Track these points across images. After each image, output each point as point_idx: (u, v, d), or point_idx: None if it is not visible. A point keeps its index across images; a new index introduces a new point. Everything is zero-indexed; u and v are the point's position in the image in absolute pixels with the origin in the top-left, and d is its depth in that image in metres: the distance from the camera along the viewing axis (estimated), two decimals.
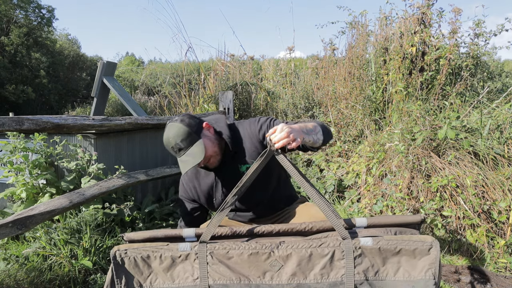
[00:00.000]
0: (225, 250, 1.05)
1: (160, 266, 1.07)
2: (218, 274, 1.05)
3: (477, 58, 3.82)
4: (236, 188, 1.11)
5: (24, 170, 2.44)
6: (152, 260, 1.07)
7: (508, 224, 2.22)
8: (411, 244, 1.03)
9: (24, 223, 1.62)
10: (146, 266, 1.07)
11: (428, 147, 2.73)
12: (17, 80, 16.58)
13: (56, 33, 21.77)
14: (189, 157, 1.38)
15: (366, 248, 1.03)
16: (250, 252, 1.05)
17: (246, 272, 1.04)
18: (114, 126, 2.49)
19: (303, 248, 1.04)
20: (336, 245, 1.04)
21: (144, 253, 1.07)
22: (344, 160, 3.77)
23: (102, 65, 6.59)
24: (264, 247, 1.05)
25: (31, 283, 1.87)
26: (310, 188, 1.08)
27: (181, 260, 1.07)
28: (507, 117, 2.67)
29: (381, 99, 4.06)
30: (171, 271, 1.07)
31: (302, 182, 1.09)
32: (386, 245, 1.03)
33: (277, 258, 1.05)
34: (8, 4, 16.77)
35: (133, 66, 22.22)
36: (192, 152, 1.38)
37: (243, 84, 5.71)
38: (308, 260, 1.04)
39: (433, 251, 1.02)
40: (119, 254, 1.07)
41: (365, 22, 4.58)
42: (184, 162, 1.39)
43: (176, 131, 1.41)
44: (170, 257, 1.07)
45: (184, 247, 1.07)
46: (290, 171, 1.11)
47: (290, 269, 1.04)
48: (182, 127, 1.42)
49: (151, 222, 2.70)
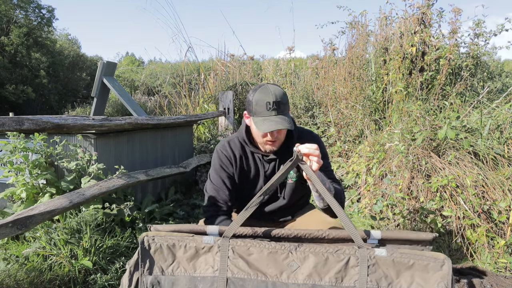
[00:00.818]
0: (246, 246, 1.12)
1: (184, 255, 1.13)
2: (237, 268, 1.10)
3: (477, 58, 3.82)
4: (262, 190, 1.17)
5: (24, 170, 2.44)
6: (177, 249, 1.13)
7: (508, 224, 2.22)
8: (424, 259, 1.07)
9: (24, 223, 1.62)
10: (171, 254, 1.13)
11: (428, 147, 2.73)
12: (17, 80, 16.58)
13: (56, 33, 21.78)
14: (281, 119, 1.35)
15: (380, 258, 1.08)
16: (270, 250, 1.11)
17: (264, 269, 1.10)
18: (114, 126, 2.49)
19: (320, 252, 1.10)
20: (351, 252, 1.10)
21: (170, 242, 1.13)
22: (344, 160, 3.77)
23: (102, 65, 6.59)
24: (283, 248, 1.11)
25: (31, 283, 1.87)
26: (331, 197, 1.15)
27: (204, 251, 1.13)
28: (507, 117, 2.67)
29: (381, 99, 4.06)
30: (194, 261, 1.13)
31: (324, 191, 1.16)
32: (399, 257, 1.08)
33: (295, 259, 1.10)
34: (8, 4, 16.77)
35: (133, 66, 22.23)
36: (285, 118, 1.36)
37: (243, 84, 5.71)
38: (324, 263, 1.09)
39: (445, 268, 1.06)
40: (147, 239, 1.13)
41: (365, 22, 4.59)
42: (273, 121, 1.35)
43: (279, 91, 1.38)
44: (194, 247, 1.13)
45: (208, 239, 1.13)
46: (313, 180, 1.18)
47: (307, 270, 1.09)
48: (283, 91, 1.40)
49: (151, 222, 2.70)
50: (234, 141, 1.59)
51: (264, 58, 8.12)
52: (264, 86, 1.40)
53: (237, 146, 1.57)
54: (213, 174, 1.58)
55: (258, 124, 1.37)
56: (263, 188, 1.18)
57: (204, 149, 4.46)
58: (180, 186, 3.75)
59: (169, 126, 3.64)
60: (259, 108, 1.38)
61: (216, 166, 1.58)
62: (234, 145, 1.57)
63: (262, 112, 1.37)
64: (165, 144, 3.63)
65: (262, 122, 1.36)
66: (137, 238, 2.42)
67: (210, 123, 5.64)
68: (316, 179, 1.17)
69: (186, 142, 4.10)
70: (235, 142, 1.58)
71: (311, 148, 1.23)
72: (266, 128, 1.34)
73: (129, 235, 2.33)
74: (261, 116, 1.38)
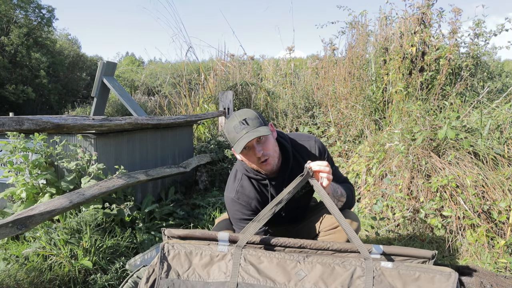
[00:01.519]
0: (257, 255, 1.20)
1: (200, 262, 1.21)
2: (247, 275, 1.17)
3: (477, 58, 3.82)
4: (272, 204, 1.24)
5: (24, 170, 2.44)
6: (194, 256, 1.22)
7: (508, 224, 2.22)
8: (430, 272, 1.11)
9: (24, 223, 1.62)
10: (187, 261, 1.21)
11: (428, 147, 2.73)
12: (17, 80, 16.59)
13: (56, 33, 21.78)
14: (253, 132, 1.34)
15: (386, 270, 1.13)
16: (279, 260, 1.18)
17: (273, 276, 1.16)
18: (114, 126, 2.49)
19: (327, 262, 1.16)
20: (357, 264, 1.15)
21: (188, 249, 1.22)
22: (344, 160, 3.77)
23: (102, 65, 6.58)
24: (292, 257, 1.18)
25: (31, 283, 1.87)
26: (337, 212, 1.20)
27: (218, 259, 1.21)
28: (507, 117, 2.67)
29: (381, 99, 4.06)
30: (208, 268, 1.20)
31: (332, 206, 1.21)
32: (405, 270, 1.12)
33: (303, 268, 1.16)
34: (8, 4, 16.77)
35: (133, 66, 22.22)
36: (258, 130, 1.35)
37: (243, 84, 5.71)
38: (330, 273, 1.14)
39: (452, 280, 1.09)
40: (167, 246, 1.23)
41: (365, 22, 4.58)
42: (245, 136, 1.34)
43: (245, 111, 1.40)
44: (209, 255, 1.22)
45: (222, 248, 1.23)
46: (322, 195, 1.24)
47: (313, 279, 1.14)
48: (252, 111, 1.41)
49: (151, 222, 2.70)
50: (244, 182, 1.56)
51: (264, 58, 8.13)
52: (230, 116, 1.42)
53: (248, 186, 1.55)
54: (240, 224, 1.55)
55: (235, 149, 1.37)
56: (273, 201, 1.23)
57: (204, 149, 4.46)
58: (180, 186, 3.75)
59: (169, 126, 3.64)
60: (231, 135, 1.38)
61: (238, 217, 1.55)
62: (246, 187, 1.55)
63: (235, 137, 1.37)
64: (165, 144, 3.63)
65: (237, 145, 1.36)
66: (137, 238, 2.42)
67: (210, 123, 5.65)
68: (326, 195, 1.23)
69: (186, 142, 4.10)
70: (245, 182, 1.56)
71: (321, 165, 1.27)
72: (240, 146, 1.33)
73: (129, 235, 2.33)
74: (236, 141, 1.37)
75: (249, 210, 1.54)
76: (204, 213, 3.06)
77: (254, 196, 1.55)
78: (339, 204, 1.49)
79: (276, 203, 1.23)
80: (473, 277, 1.84)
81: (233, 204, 1.56)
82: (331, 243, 1.22)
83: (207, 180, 3.94)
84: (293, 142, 1.57)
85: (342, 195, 1.49)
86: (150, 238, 2.43)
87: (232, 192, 1.56)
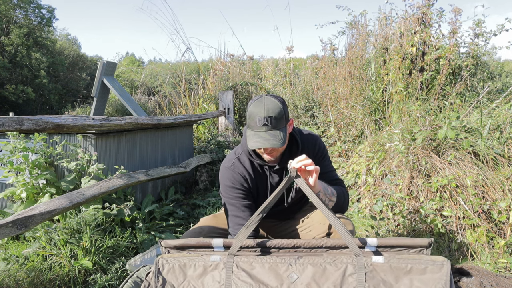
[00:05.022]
0: (249, 262, 1.22)
1: (194, 273, 1.24)
2: (240, 281, 1.19)
3: (477, 58, 3.82)
4: (261, 208, 1.24)
5: (24, 170, 2.44)
6: (188, 268, 1.24)
7: (508, 224, 2.22)
8: (422, 263, 1.10)
9: (24, 223, 1.62)
10: (182, 274, 1.24)
11: (428, 147, 2.73)
12: (17, 80, 16.58)
13: (56, 33, 21.78)
14: (270, 136, 1.32)
15: (377, 265, 1.13)
16: (271, 264, 1.20)
17: (265, 281, 1.18)
18: (114, 126, 2.49)
19: (318, 263, 1.17)
20: (349, 261, 1.15)
21: (182, 262, 1.25)
22: (344, 160, 3.77)
23: (102, 65, 6.59)
24: (283, 261, 1.19)
25: (31, 283, 1.87)
26: (326, 209, 1.20)
27: (212, 269, 1.24)
28: (507, 117, 2.67)
29: (381, 99, 4.06)
30: (202, 278, 1.23)
31: (319, 204, 1.21)
32: (397, 263, 1.12)
33: (294, 270, 1.18)
34: (8, 4, 16.76)
35: (133, 66, 22.21)
36: (275, 134, 1.33)
37: (243, 84, 5.71)
38: (322, 273, 1.15)
39: (444, 269, 1.09)
40: (162, 261, 1.27)
41: (365, 22, 4.58)
42: (261, 138, 1.32)
43: (273, 105, 1.34)
44: (203, 265, 1.24)
45: (214, 258, 1.25)
46: (308, 193, 1.24)
47: (306, 280, 1.15)
48: (279, 105, 1.35)
49: (151, 222, 2.70)
50: (243, 157, 1.55)
51: (263, 58, 8.13)
52: (259, 99, 1.37)
53: (247, 161, 1.54)
54: (229, 193, 1.53)
55: (248, 139, 1.36)
56: (261, 206, 1.24)
57: (204, 149, 4.46)
58: (180, 186, 3.75)
59: (169, 126, 3.64)
60: (251, 122, 1.36)
61: (228, 185, 1.53)
62: (244, 161, 1.54)
63: (254, 126, 1.35)
64: (165, 144, 3.63)
65: (251, 137, 1.35)
66: (137, 238, 2.42)
67: (210, 123, 5.64)
68: (312, 194, 1.22)
69: (186, 142, 4.10)
70: (244, 157, 1.55)
71: (301, 160, 1.25)
72: (253, 144, 1.33)
73: (129, 235, 2.33)
74: (252, 130, 1.36)
75: (242, 183, 1.52)
76: (204, 213, 3.06)
77: (250, 171, 1.54)
78: (330, 203, 1.47)
79: (264, 208, 1.23)
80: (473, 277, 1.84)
81: (226, 171, 1.54)
82: (324, 241, 1.22)
83: (207, 180, 3.94)
84: (302, 135, 1.59)
85: (333, 194, 1.47)
86: (150, 238, 2.43)
87: (229, 162, 1.56)
